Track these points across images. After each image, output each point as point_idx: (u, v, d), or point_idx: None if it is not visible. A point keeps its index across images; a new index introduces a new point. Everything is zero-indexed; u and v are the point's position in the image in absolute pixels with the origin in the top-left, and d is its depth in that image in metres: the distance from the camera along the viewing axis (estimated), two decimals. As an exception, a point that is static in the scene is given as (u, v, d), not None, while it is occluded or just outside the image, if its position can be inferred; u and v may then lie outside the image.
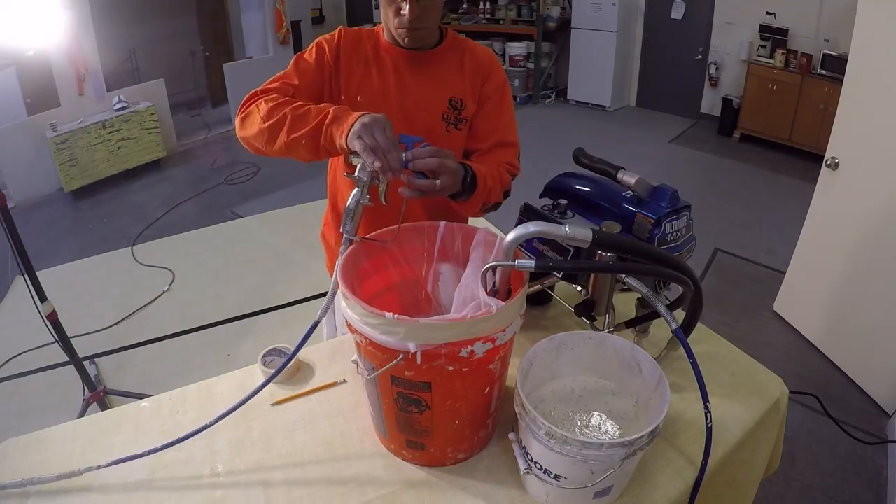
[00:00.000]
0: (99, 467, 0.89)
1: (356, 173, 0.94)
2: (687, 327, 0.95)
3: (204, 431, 1.00)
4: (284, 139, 1.03)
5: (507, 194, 1.21)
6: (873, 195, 2.24)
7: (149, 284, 3.20)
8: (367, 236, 0.99)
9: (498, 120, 1.25)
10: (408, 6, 1.06)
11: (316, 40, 1.21)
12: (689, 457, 0.94)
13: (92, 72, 4.53)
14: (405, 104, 1.20)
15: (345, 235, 0.94)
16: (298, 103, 1.05)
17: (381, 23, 1.23)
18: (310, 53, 1.19)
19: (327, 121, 0.99)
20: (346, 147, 0.95)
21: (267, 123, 1.04)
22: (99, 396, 2.18)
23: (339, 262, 0.91)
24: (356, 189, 0.94)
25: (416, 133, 1.17)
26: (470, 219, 1.30)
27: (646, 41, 6.30)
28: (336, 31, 1.21)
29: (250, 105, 1.10)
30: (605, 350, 0.94)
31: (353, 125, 0.93)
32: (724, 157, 5.12)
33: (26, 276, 1.88)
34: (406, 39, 1.14)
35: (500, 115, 1.26)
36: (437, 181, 0.95)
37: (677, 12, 5.85)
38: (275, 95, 1.10)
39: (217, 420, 0.92)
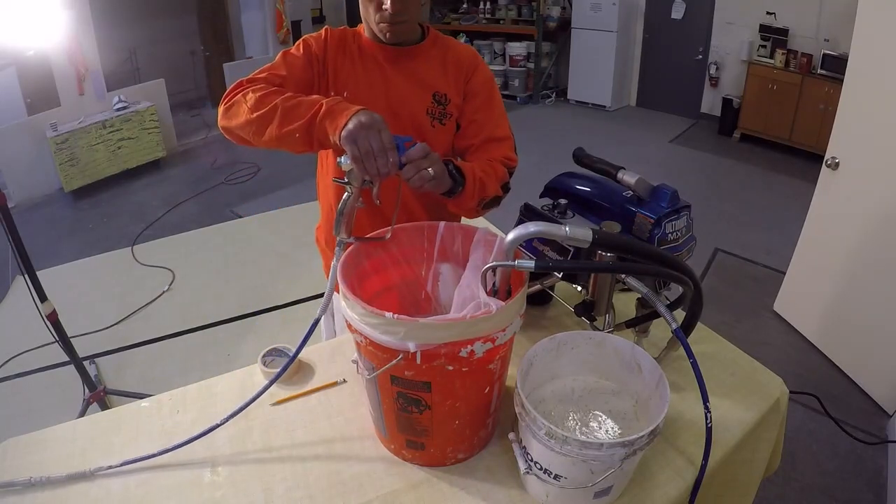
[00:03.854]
0: (110, 468, 0.89)
1: (345, 177, 0.93)
2: (687, 327, 0.95)
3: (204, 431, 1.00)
4: (275, 131, 1.00)
5: (507, 188, 1.20)
6: (873, 195, 2.24)
7: (149, 284, 3.20)
8: (361, 238, 0.98)
9: (487, 115, 1.25)
10: (390, 0, 1.06)
11: (302, 38, 1.20)
12: (689, 457, 0.94)
13: (92, 72, 4.53)
14: (390, 99, 1.21)
15: (337, 238, 0.93)
16: (289, 94, 1.02)
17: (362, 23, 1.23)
18: (297, 49, 1.18)
19: (321, 114, 0.96)
20: (338, 144, 0.93)
21: (255, 114, 1.01)
22: (99, 396, 2.18)
23: (335, 263, 0.90)
24: (346, 192, 0.94)
25: (404, 130, 1.18)
26: (470, 219, 1.30)
27: (646, 41, 6.30)
28: (322, 31, 1.22)
29: (236, 94, 1.06)
30: (605, 350, 0.94)
31: (346, 123, 0.91)
32: (724, 157, 5.12)
33: (26, 276, 1.88)
34: (388, 34, 1.13)
35: (490, 111, 1.26)
36: (430, 169, 0.95)
37: (677, 12, 5.85)
38: (262, 85, 1.06)
39: (225, 420, 0.92)
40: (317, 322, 0.89)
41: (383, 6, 1.08)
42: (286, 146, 1.02)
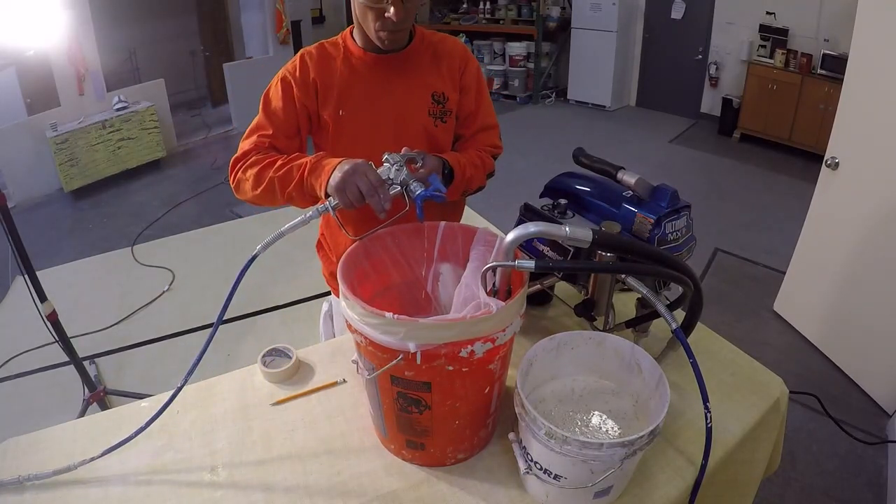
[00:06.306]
0: (92, 459, 0.89)
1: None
2: (687, 327, 0.95)
3: (204, 431, 1.00)
4: (281, 199, 1.10)
5: (490, 175, 1.29)
6: (873, 195, 2.24)
7: (149, 284, 3.20)
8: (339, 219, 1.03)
9: (479, 106, 1.30)
10: (393, 9, 1.06)
11: (280, 73, 1.20)
12: (689, 457, 0.94)
13: (92, 72, 4.53)
14: (394, 108, 1.21)
15: (328, 203, 0.96)
16: (279, 163, 1.09)
17: (347, 29, 1.23)
18: (276, 92, 1.19)
19: (306, 173, 1.03)
20: (326, 197, 0.99)
21: (259, 191, 1.11)
22: (99, 396, 2.18)
23: (304, 217, 0.94)
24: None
25: (412, 136, 1.19)
26: (470, 219, 1.31)
27: (646, 41, 6.30)
28: (297, 58, 1.20)
29: (237, 173, 1.15)
30: (605, 350, 0.94)
31: (330, 177, 0.97)
32: (724, 157, 5.12)
33: (26, 276, 1.88)
34: (387, 42, 1.14)
35: (481, 102, 1.31)
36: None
37: (677, 12, 5.85)
38: (254, 159, 1.13)
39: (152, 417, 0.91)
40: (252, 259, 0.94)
41: (386, 14, 1.07)
42: (296, 205, 1.11)
